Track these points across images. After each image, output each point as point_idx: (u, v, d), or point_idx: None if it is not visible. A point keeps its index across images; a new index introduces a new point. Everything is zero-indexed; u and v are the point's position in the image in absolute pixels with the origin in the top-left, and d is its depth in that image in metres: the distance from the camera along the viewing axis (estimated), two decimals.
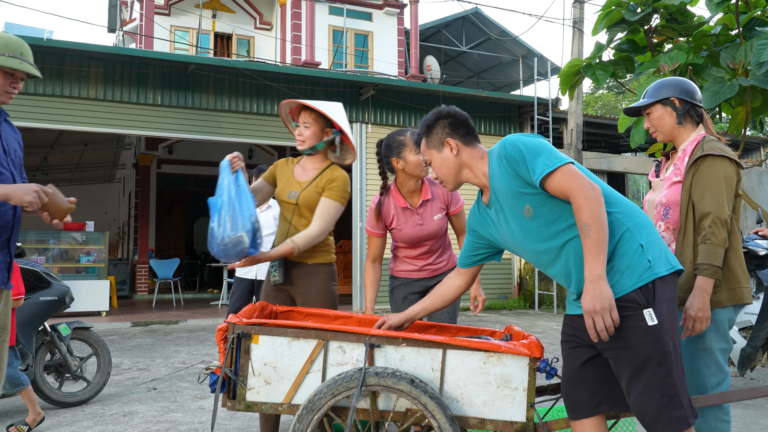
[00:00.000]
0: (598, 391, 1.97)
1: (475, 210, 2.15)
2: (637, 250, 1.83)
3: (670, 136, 2.55)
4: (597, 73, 5.70)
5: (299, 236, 2.72)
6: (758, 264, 4.23)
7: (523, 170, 1.87)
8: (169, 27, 14.52)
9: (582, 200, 1.77)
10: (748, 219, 12.14)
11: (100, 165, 14.30)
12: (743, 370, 4.17)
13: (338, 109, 2.87)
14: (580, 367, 1.97)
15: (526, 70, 16.27)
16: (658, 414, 1.78)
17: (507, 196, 1.93)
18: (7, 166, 2.31)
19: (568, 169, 1.82)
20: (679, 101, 2.51)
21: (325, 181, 2.83)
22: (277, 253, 2.69)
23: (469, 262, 2.24)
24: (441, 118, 2.07)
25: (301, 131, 2.83)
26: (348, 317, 2.79)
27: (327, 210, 2.79)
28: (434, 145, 2.07)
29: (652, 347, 1.77)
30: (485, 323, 8.85)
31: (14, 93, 2.34)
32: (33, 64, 2.35)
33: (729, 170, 2.31)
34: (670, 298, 1.84)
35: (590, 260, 1.75)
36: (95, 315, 9.27)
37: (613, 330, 1.74)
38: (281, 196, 2.89)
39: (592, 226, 1.75)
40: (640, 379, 1.79)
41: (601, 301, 1.72)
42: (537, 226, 1.91)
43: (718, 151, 2.33)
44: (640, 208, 1.96)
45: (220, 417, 3.87)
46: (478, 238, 2.17)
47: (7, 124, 2.41)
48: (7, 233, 2.31)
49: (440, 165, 2.06)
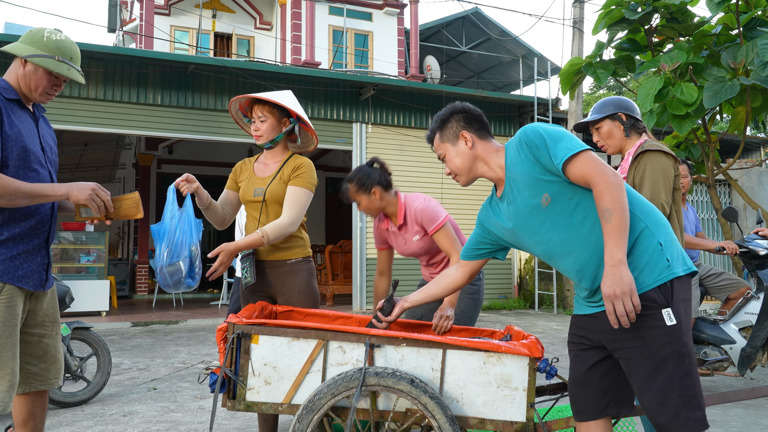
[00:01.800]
0: (607, 394, 1.95)
1: (487, 205, 2.14)
2: (656, 248, 1.81)
3: (618, 148, 2.86)
4: (598, 72, 5.70)
5: (269, 226, 2.63)
6: (758, 264, 4.23)
7: (544, 156, 1.85)
8: (169, 27, 14.52)
9: (604, 185, 1.75)
10: (748, 219, 12.14)
11: (100, 165, 14.30)
12: (743, 370, 4.17)
13: (290, 96, 2.79)
14: (589, 369, 1.95)
15: (526, 70, 16.27)
16: (675, 415, 1.76)
17: (525, 184, 1.91)
18: (45, 164, 2.30)
19: (590, 155, 1.81)
20: (625, 116, 2.83)
21: (290, 170, 2.74)
22: (246, 242, 2.60)
23: (471, 255, 2.22)
24: (456, 113, 2.07)
25: (257, 126, 2.74)
26: (348, 317, 2.79)
27: (296, 198, 2.69)
28: (449, 139, 2.06)
29: (670, 347, 1.75)
30: (485, 323, 8.85)
31: (54, 95, 2.32)
32: (80, 70, 2.34)
33: (666, 163, 2.65)
34: (687, 298, 1.83)
35: (611, 245, 1.73)
36: (95, 315, 9.27)
37: (633, 316, 1.71)
38: (246, 196, 2.79)
39: (613, 211, 1.73)
40: (656, 379, 1.76)
41: (621, 285, 1.69)
42: (553, 215, 1.88)
43: (655, 147, 2.68)
44: (656, 207, 1.94)
45: (220, 417, 3.87)
46: (485, 233, 2.16)
47: (44, 121, 2.40)
48: (45, 233, 2.30)
49: (455, 158, 2.05)
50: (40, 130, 2.33)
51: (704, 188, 12.02)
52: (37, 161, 2.24)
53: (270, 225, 2.64)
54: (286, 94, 2.79)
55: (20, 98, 2.26)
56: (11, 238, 2.17)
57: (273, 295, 2.80)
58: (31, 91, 2.26)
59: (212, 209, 2.78)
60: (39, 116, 2.37)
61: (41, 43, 2.24)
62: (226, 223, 2.91)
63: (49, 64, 2.23)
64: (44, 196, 2.18)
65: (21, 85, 2.25)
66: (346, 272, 11.22)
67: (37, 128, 2.31)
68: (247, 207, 2.84)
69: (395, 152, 10.77)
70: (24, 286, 2.20)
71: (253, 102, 2.77)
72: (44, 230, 2.29)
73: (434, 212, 2.97)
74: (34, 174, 2.22)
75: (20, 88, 2.26)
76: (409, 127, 10.90)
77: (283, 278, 2.75)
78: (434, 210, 2.97)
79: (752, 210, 11.92)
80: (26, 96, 2.28)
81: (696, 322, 4.43)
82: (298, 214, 2.69)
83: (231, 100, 2.83)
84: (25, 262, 2.21)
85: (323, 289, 11.13)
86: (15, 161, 2.16)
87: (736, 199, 12.58)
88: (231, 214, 2.91)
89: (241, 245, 2.60)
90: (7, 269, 2.15)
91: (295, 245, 2.79)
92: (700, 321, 4.43)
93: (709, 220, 12.46)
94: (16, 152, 2.16)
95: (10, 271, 2.15)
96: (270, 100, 2.70)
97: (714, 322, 4.41)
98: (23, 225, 2.20)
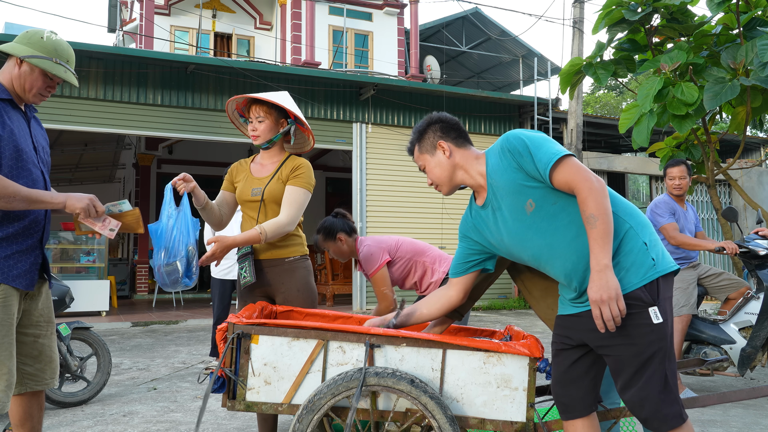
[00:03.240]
0: (591, 391, 1.97)
1: (468, 215, 2.13)
2: (641, 248, 1.83)
3: None
4: (598, 72, 5.69)
5: (268, 223, 2.62)
6: (758, 264, 4.23)
7: (527, 162, 1.86)
8: (169, 27, 14.52)
9: (588, 191, 1.77)
10: (748, 219, 12.14)
11: (100, 165, 14.30)
12: (743, 370, 4.17)
13: (287, 97, 2.79)
14: (570, 367, 1.97)
15: (526, 70, 16.28)
16: (656, 410, 1.80)
17: (508, 191, 1.92)
18: (38, 164, 2.30)
19: (573, 161, 1.83)
20: None
21: (288, 170, 2.74)
22: (243, 238, 2.60)
23: (461, 270, 2.17)
24: (432, 124, 2.10)
25: (254, 126, 2.73)
26: (348, 317, 2.79)
27: (295, 197, 2.69)
28: (427, 150, 2.09)
29: (656, 345, 1.79)
30: (485, 323, 8.85)
31: (47, 96, 2.32)
32: (74, 73, 2.34)
33: None
34: (670, 296, 1.87)
35: (596, 250, 1.75)
36: (95, 315, 9.28)
37: (620, 320, 1.74)
38: (243, 196, 2.79)
39: (598, 217, 1.74)
40: (641, 376, 1.80)
41: (608, 290, 1.72)
42: (538, 220, 1.89)
43: None
44: (638, 208, 1.97)
45: (220, 417, 3.87)
46: (471, 244, 2.14)
47: (35, 121, 2.40)
48: (39, 233, 2.30)
49: (434, 168, 2.07)
50: (32, 130, 2.33)
51: (704, 188, 12.02)
52: (30, 161, 2.24)
53: (268, 223, 2.64)
54: (284, 95, 2.79)
55: (12, 98, 2.25)
56: (5, 237, 2.17)
57: (271, 293, 2.80)
58: (25, 91, 2.25)
59: (209, 209, 2.78)
60: (31, 116, 2.36)
61: (39, 44, 2.24)
62: (223, 224, 2.90)
63: (47, 65, 2.23)
64: (42, 203, 2.18)
65: (15, 86, 2.25)
66: (346, 272, 11.22)
67: (29, 128, 2.31)
68: (244, 207, 2.83)
69: (395, 152, 10.77)
70: (17, 285, 2.20)
71: (251, 102, 2.77)
72: (38, 230, 2.29)
73: (371, 259, 3.38)
74: (27, 174, 2.22)
75: (14, 88, 2.25)
76: (409, 127, 10.90)
77: (281, 276, 2.75)
78: (372, 256, 3.39)
79: (752, 210, 11.92)
80: (19, 96, 2.27)
81: (696, 322, 4.43)
82: (297, 213, 2.69)
83: (228, 100, 2.82)
84: (19, 261, 2.21)
85: (323, 289, 11.13)
86: (8, 161, 2.16)
87: (736, 199, 12.58)
88: (228, 215, 2.90)
89: (238, 240, 2.60)
90: (2, 269, 2.15)
91: (293, 243, 2.79)
92: (700, 321, 4.43)
93: (709, 220, 12.46)
94: (9, 152, 2.16)
95: (5, 271, 2.16)
96: (268, 101, 2.70)
97: (714, 322, 4.41)
98: (17, 225, 2.20)
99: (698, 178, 6.44)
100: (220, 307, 5.14)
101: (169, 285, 2.55)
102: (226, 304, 5.18)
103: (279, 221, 2.65)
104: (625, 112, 5.64)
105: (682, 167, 4.46)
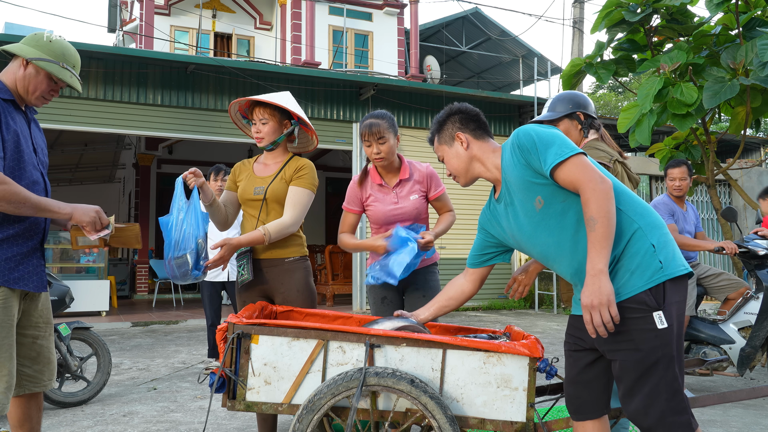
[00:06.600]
0: (603, 394, 1.95)
1: (487, 208, 2.14)
2: (648, 250, 1.78)
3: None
4: (599, 72, 5.71)
5: (272, 224, 2.63)
6: (757, 264, 4.24)
7: (534, 160, 1.85)
8: (169, 27, 14.52)
9: (590, 193, 1.73)
10: (749, 219, 12.14)
11: (100, 165, 14.29)
12: (743, 370, 4.17)
13: (290, 98, 2.80)
14: (583, 369, 1.95)
15: (526, 70, 16.28)
16: (660, 419, 1.74)
17: (519, 187, 1.91)
18: (38, 165, 2.31)
19: (579, 160, 1.79)
20: (583, 115, 2.83)
21: (292, 170, 2.75)
22: (248, 239, 2.61)
23: (478, 262, 2.23)
24: (452, 114, 2.09)
25: (258, 128, 2.74)
26: (348, 317, 2.79)
27: (298, 198, 2.70)
28: (446, 141, 2.09)
29: (660, 351, 1.73)
30: (485, 323, 8.85)
31: (49, 100, 2.33)
32: (79, 79, 2.35)
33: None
34: (680, 300, 1.80)
35: (593, 254, 1.72)
36: (95, 315, 9.27)
37: (612, 326, 1.70)
38: (246, 194, 2.79)
39: (597, 220, 1.71)
40: (645, 383, 1.75)
41: (599, 295, 1.68)
42: (547, 218, 1.87)
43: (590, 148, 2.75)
44: (652, 208, 1.92)
45: (220, 417, 3.87)
46: (488, 236, 2.17)
47: (34, 122, 2.41)
48: (39, 235, 2.31)
49: (451, 159, 2.08)
50: (32, 132, 2.34)
51: (704, 188, 12.02)
52: (30, 163, 2.25)
53: (272, 223, 2.64)
54: (287, 95, 2.79)
55: (15, 99, 2.26)
56: (5, 239, 2.17)
57: (270, 293, 2.80)
58: (28, 93, 2.26)
59: (216, 207, 2.80)
60: (31, 118, 2.37)
61: (47, 48, 2.24)
62: (228, 224, 2.91)
63: (54, 69, 2.24)
64: (49, 212, 2.19)
65: (18, 87, 2.25)
66: (346, 272, 11.21)
67: (29, 130, 2.32)
68: (245, 206, 2.84)
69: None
70: (23, 288, 2.20)
71: (254, 104, 2.77)
72: (38, 232, 2.30)
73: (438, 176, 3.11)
74: (27, 176, 2.22)
75: (17, 89, 2.25)
76: (409, 127, 10.90)
77: (281, 277, 2.75)
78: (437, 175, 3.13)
79: (752, 210, 11.92)
80: (21, 97, 2.28)
81: (695, 322, 4.43)
82: (300, 214, 2.70)
83: (231, 103, 2.83)
84: (20, 264, 2.21)
85: (323, 289, 11.13)
86: (10, 162, 2.16)
87: (736, 199, 12.58)
88: (233, 214, 2.91)
89: (243, 241, 2.61)
90: (2, 271, 2.15)
91: (293, 243, 2.79)
92: (699, 321, 4.43)
93: (709, 220, 12.46)
94: (11, 153, 2.16)
95: (5, 273, 2.15)
96: (272, 103, 2.71)
97: (713, 322, 4.41)
98: (17, 227, 2.20)
99: (698, 179, 6.45)
100: (212, 309, 5.23)
101: (179, 277, 2.56)
102: (217, 307, 5.27)
103: (283, 222, 2.65)
104: (624, 111, 5.65)
105: (684, 168, 4.46)
